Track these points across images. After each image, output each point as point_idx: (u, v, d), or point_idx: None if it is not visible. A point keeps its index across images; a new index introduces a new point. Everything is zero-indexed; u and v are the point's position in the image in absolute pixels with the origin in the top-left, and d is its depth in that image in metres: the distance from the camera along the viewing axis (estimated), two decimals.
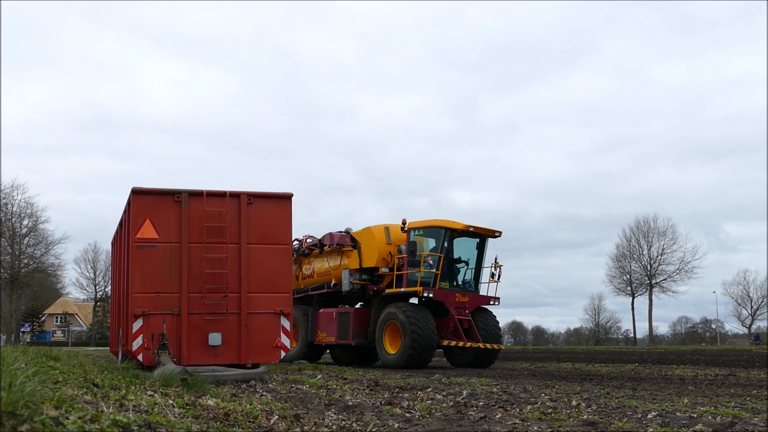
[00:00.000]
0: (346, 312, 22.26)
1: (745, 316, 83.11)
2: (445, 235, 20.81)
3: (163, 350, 13.72)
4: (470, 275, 21.78)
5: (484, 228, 21.40)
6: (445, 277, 20.95)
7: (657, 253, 74.44)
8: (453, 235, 21.09)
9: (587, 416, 7.13)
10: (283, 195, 15.82)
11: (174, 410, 5.95)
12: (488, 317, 21.33)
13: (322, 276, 23.57)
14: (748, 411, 7.76)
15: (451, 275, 21.25)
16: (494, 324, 21.33)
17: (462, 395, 9.48)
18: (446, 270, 20.99)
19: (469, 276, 21.80)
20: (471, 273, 21.76)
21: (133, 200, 14.96)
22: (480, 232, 21.32)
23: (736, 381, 13.84)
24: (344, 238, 22.48)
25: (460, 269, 21.68)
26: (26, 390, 4.46)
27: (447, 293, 20.67)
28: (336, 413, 7.31)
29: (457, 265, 21.58)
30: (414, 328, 19.51)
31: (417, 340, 19.47)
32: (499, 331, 21.58)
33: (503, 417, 7.12)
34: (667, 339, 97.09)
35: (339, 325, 22.16)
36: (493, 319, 21.46)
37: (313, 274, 24.04)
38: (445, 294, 20.61)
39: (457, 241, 21.41)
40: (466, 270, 21.78)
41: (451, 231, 20.96)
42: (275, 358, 15.48)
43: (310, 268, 24.36)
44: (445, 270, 20.86)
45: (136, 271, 14.68)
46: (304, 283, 24.37)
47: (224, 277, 15.00)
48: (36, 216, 63.47)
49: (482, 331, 20.83)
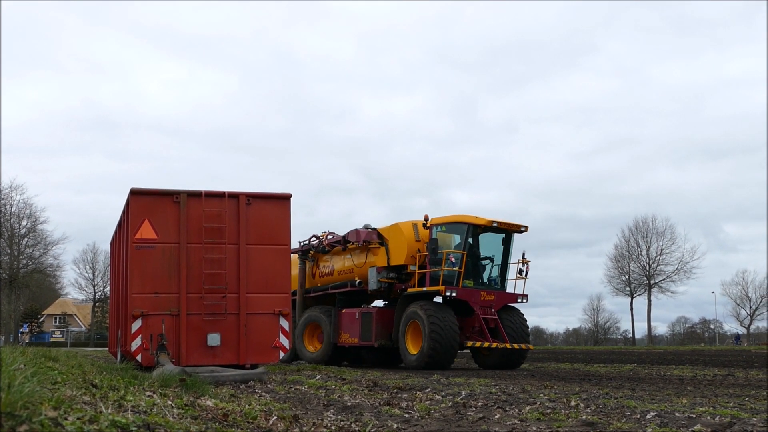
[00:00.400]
0: (368, 312, 21.63)
1: (744, 316, 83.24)
2: (468, 231, 20.27)
3: (162, 351, 13.71)
4: (496, 272, 21.14)
5: (508, 223, 20.74)
6: (470, 274, 20.35)
7: (656, 253, 74.57)
8: (476, 230, 20.50)
9: (586, 417, 7.13)
10: (282, 195, 15.81)
11: (173, 411, 5.95)
12: (515, 316, 20.64)
13: (344, 274, 22.81)
14: (746, 411, 7.76)
15: (475, 273, 20.65)
16: (522, 323, 20.61)
17: (461, 396, 9.48)
18: (470, 267, 20.40)
19: (495, 273, 21.17)
20: (497, 270, 21.13)
21: (131, 201, 14.95)
22: (504, 227, 20.66)
23: (735, 381, 13.84)
24: (371, 235, 21.67)
25: (486, 266, 21.06)
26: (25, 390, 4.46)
27: (471, 292, 20.07)
28: (335, 414, 7.31)
29: (482, 262, 20.97)
30: (434, 327, 18.93)
31: (437, 340, 18.91)
32: (527, 329, 20.82)
33: (502, 417, 7.12)
34: (666, 339, 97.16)
35: (362, 326, 21.49)
36: (521, 317, 20.77)
37: (333, 272, 23.27)
38: (470, 292, 20.00)
39: (482, 237, 20.83)
40: (492, 267, 21.15)
41: (474, 227, 20.36)
42: (274, 359, 15.48)
43: (329, 266, 23.57)
44: (469, 267, 20.28)
45: (134, 271, 14.68)
46: (322, 282, 23.66)
47: (223, 277, 14.99)
48: (35, 216, 63.47)
49: (509, 330, 20.13)
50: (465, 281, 20.01)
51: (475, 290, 20.13)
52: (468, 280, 20.17)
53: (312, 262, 24.02)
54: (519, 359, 20.34)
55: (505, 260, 21.09)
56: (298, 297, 23.62)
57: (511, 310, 20.69)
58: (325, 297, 23.45)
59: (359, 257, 22.17)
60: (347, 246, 22.50)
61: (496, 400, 8.82)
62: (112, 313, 20.70)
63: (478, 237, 20.69)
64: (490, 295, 20.23)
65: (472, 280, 20.37)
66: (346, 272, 22.70)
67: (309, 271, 24.11)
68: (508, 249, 21.04)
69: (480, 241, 20.80)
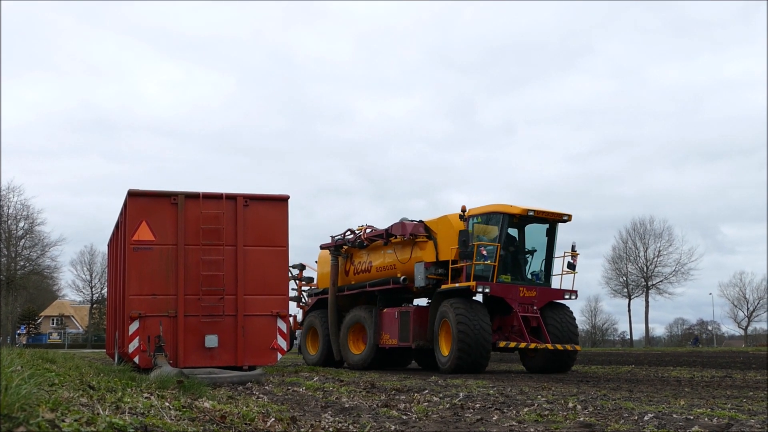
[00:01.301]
0: (406, 311, 20.25)
1: (742, 317, 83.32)
2: (503, 221, 18.81)
3: (160, 352, 13.71)
4: (539, 266, 19.61)
5: (547, 211, 19.19)
6: (507, 269, 18.99)
7: (653, 255, 74.58)
8: (512, 220, 19.01)
9: (584, 418, 7.13)
10: (280, 197, 15.82)
11: (170, 413, 5.94)
12: (561, 314, 18.97)
13: (384, 270, 21.22)
14: (744, 413, 7.76)
15: (515, 267, 19.24)
16: (568, 321, 18.94)
17: (459, 397, 9.48)
18: (508, 261, 19.07)
19: (538, 267, 19.64)
20: (541, 264, 19.61)
21: (129, 202, 14.95)
22: (543, 216, 19.12)
23: (733, 383, 13.85)
24: (418, 228, 20.03)
25: (527, 260, 19.61)
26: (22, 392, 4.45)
27: (509, 288, 18.53)
28: (333, 415, 7.31)
29: (525, 255, 19.55)
30: (462, 327, 17.51)
31: (465, 341, 17.47)
32: (575, 329, 19.06)
33: (500, 419, 7.12)
34: (664, 341, 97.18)
35: (400, 326, 20.04)
36: (568, 315, 19.12)
37: (371, 269, 21.77)
38: (507, 288, 18.49)
39: (523, 228, 19.55)
40: (532, 260, 19.65)
41: (510, 216, 18.87)
42: (272, 360, 15.49)
43: (365, 262, 22.03)
44: (507, 261, 18.96)
45: (132, 273, 14.67)
46: (357, 279, 22.19)
47: (221, 279, 14.99)
48: (32, 218, 63.39)
49: (553, 329, 18.54)
50: (502, 276, 18.68)
51: (513, 286, 18.65)
52: (505, 275, 18.84)
53: (345, 258, 22.70)
54: (566, 361, 18.70)
55: (550, 253, 19.54)
56: (330, 296, 22.31)
57: (558, 307, 19.12)
58: (360, 295, 22.08)
59: (403, 252, 20.61)
60: (389, 240, 20.97)
61: (494, 402, 8.83)
62: (110, 315, 20.68)
63: (518, 228, 19.42)
64: (531, 291, 18.73)
65: (509, 275, 18.98)
66: (387, 268, 21.21)
67: (342, 268, 22.71)
68: (553, 240, 19.54)
69: (520, 233, 19.51)
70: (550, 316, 18.76)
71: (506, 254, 18.89)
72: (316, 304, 23.71)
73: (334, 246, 22.80)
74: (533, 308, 18.60)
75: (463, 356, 17.56)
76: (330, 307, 22.19)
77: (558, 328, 18.62)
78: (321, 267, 24.25)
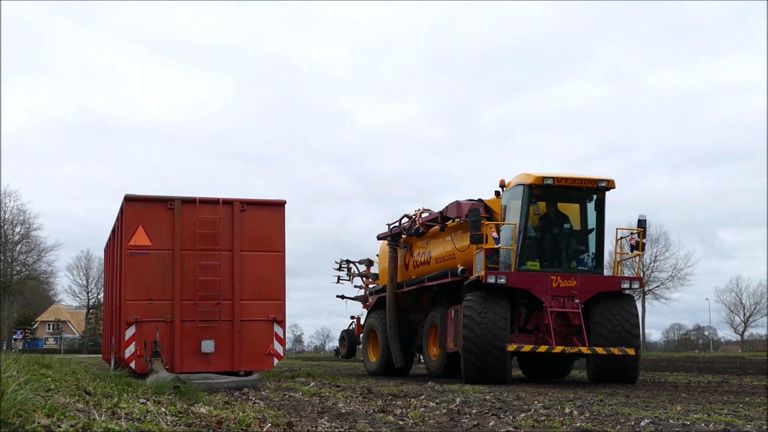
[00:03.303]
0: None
1: (738, 323, 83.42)
2: (525, 194, 15.60)
3: (156, 358, 13.69)
4: (587, 249, 16.21)
5: (574, 178, 15.62)
6: (537, 253, 15.83)
7: (650, 260, 74.61)
8: (533, 192, 15.70)
9: (580, 423, 7.13)
10: (276, 202, 15.82)
11: (166, 418, 5.93)
12: (618, 308, 15.29)
13: (443, 261, 18.07)
14: (741, 418, 7.77)
15: (551, 251, 15.93)
16: (626, 318, 15.22)
17: (455, 403, 9.47)
18: (543, 244, 15.92)
19: (584, 250, 16.20)
20: (588, 246, 16.19)
21: (126, 207, 14.95)
22: (569, 184, 15.58)
23: (729, 388, 13.85)
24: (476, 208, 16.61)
25: (570, 242, 16.05)
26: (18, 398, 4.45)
27: (536, 277, 15.34)
28: (329, 421, 7.30)
29: (564, 236, 16.08)
30: (465, 331, 14.88)
31: (468, 345, 14.86)
32: (634, 328, 15.19)
33: (496, 425, 7.12)
34: (660, 346, 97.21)
35: (455, 327, 16.46)
36: (627, 310, 15.34)
37: (430, 260, 18.67)
38: (533, 278, 15.33)
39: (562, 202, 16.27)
40: (574, 242, 16.08)
41: (529, 188, 15.60)
42: (268, 366, 15.47)
43: (425, 253, 18.95)
44: (540, 244, 15.87)
45: (128, 278, 14.66)
46: (417, 272, 19.23)
47: (217, 284, 14.99)
48: (28, 223, 63.22)
49: (601, 328, 15.10)
50: (528, 263, 15.59)
51: (542, 275, 15.37)
52: (533, 261, 15.71)
53: (405, 248, 19.72)
54: (622, 369, 15.16)
55: (599, 231, 15.97)
56: (388, 293, 19.43)
57: (613, 300, 15.46)
58: (419, 292, 19.10)
59: (462, 239, 17.15)
60: (446, 225, 17.91)
61: (491, 407, 8.82)
62: (106, 320, 20.66)
63: (550, 201, 16.10)
64: (569, 281, 15.30)
65: (539, 261, 15.79)
66: (446, 258, 18.01)
67: (401, 261, 19.75)
68: (602, 215, 15.94)
69: (556, 208, 16.17)
70: (602, 311, 15.30)
71: (540, 236, 15.91)
72: (376, 303, 20.92)
73: (391, 235, 20.04)
74: (574, 302, 15.26)
75: (467, 365, 14.93)
76: (388, 306, 19.41)
77: (607, 327, 15.13)
78: (381, 261, 21.36)
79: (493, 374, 14.78)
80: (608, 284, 15.69)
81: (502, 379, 14.76)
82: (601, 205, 15.95)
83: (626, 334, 15.03)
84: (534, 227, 16.01)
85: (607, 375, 15.31)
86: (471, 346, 14.83)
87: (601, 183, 15.58)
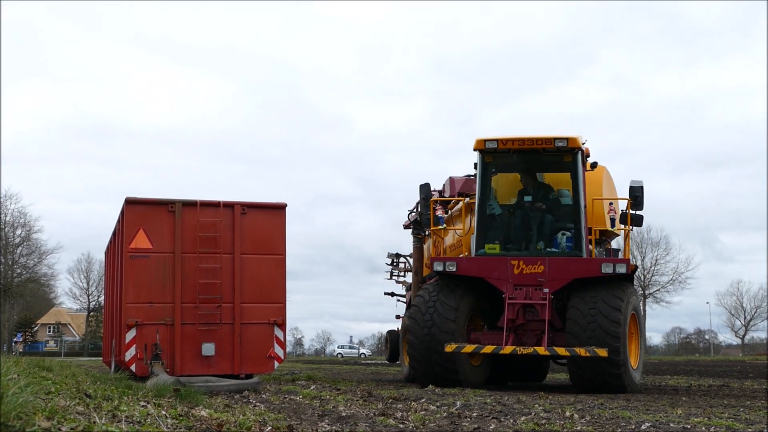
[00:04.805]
0: None
1: (739, 326, 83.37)
2: (480, 163, 13.61)
3: (156, 360, 13.69)
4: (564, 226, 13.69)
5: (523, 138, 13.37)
6: (499, 234, 13.73)
7: (650, 263, 74.61)
8: (486, 160, 13.58)
9: (581, 427, 7.12)
10: (277, 205, 15.82)
11: (167, 421, 5.93)
12: (593, 299, 12.74)
13: (454, 249, 15.93)
14: (741, 422, 7.76)
15: (521, 230, 13.73)
16: (601, 312, 12.55)
17: (456, 406, 9.46)
18: (507, 223, 13.79)
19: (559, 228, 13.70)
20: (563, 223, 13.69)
21: (126, 210, 14.95)
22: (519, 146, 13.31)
23: (730, 392, 13.85)
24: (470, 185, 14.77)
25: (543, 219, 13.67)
26: (18, 401, 4.45)
27: (494, 262, 13.25)
28: (329, 424, 7.30)
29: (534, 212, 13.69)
30: (409, 326, 13.56)
31: (411, 341, 13.63)
32: (614, 327, 12.43)
33: (497, 428, 7.11)
34: (661, 350, 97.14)
35: None
36: (605, 302, 12.65)
37: (446, 249, 16.33)
38: (490, 264, 13.26)
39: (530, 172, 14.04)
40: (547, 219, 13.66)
41: (481, 155, 13.60)
42: (269, 369, 15.47)
43: (443, 241, 16.24)
44: (503, 223, 13.78)
45: (129, 281, 14.66)
46: None
47: (218, 287, 14.99)
48: (29, 226, 63.35)
49: (571, 325, 12.71)
50: (487, 246, 13.57)
51: (501, 259, 13.24)
52: (492, 243, 13.62)
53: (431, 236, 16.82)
54: (598, 375, 12.61)
55: (576, 202, 13.40)
56: (413, 289, 17.51)
57: (595, 290, 12.89)
58: None
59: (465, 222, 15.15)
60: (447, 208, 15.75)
61: (491, 411, 8.81)
62: (107, 323, 20.64)
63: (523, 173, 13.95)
64: (534, 266, 13.06)
65: (498, 244, 13.68)
66: (455, 247, 15.77)
67: (428, 251, 17.24)
68: (576, 183, 13.44)
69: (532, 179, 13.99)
70: (574, 304, 12.93)
71: (509, 214, 13.87)
72: (409, 302, 18.59)
73: (411, 223, 17.67)
74: (542, 292, 13.04)
75: (413, 365, 13.72)
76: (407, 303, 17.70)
77: (579, 324, 12.63)
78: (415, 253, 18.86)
79: (442, 375, 13.16)
80: (585, 269, 13.08)
81: (454, 381, 13.14)
82: (574, 170, 13.43)
83: (601, 332, 12.44)
84: (510, 204, 13.99)
85: (584, 381, 13.03)
86: (414, 343, 13.46)
87: (558, 142, 13.14)
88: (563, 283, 13.14)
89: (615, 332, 12.49)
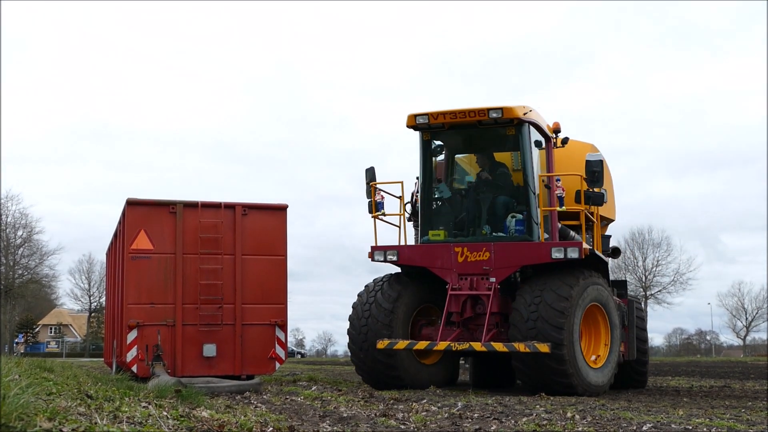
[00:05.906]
0: None
1: (740, 327, 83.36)
2: (420, 142, 12.70)
3: (158, 361, 13.71)
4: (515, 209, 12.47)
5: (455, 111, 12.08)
6: (445, 219, 12.74)
7: (652, 264, 74.61)
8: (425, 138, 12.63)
9: (582, 428, 7.12)
10: (279, 206, 15.84)
11: (168, 422, 5.93)
12: (541, 288, 11.47)
13: None
14: (743, 423, 7.76)
15: (467, 214, 12.62)
16: (546, 302, 11.26)
17: (457, 407, 9.46)
18: (453, 207, 12.77)
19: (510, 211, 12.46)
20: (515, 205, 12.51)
21: (127, 211, 14.97)
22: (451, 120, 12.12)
23: (731, 393, 13.84)
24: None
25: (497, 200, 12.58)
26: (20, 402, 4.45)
27: (436, 250, 12.29)
28: (331, 425, 7.30)
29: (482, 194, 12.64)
30: (350, 320, 12.91)
31: (350, 336, 12.91)
32: (558, 317, 11.13)
33: (498, 429, 7.11)
34: (662, 350, 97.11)
35: None
36: (552, 291, 11.34)
37: None
38: (433, 252, 12.32)
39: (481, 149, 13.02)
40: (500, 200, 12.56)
41: (421, 133, 12.65)
42: (270, 370, 15.50)
43: None
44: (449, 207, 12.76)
45: (130, 282, 14.68)
46: None
47: (219, 288, 15.00)
48: (30, 227, 63.35)
49: (515, 316, 11.49)
50: (431, 232, 12.58)
51: (444, 246, 12.23)
52: (436, 229, 12.59)
53: None
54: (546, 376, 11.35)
55: (524, 181, 12.19)
56: None
57: (545, 277, 11.67)
58: None
59: None
60: None
61: (493, 412, 8.81)
62: (108, 324, 20.65)
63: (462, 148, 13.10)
64: (479, 253, 11.93)
65: (443, 230, 12.59)
66: None
67: None
68: (524, 161, 12.23)
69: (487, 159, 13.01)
70: (520, 294, 11.68)
71: (458, 197, 12.82)
72: None
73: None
74: (488, 281, 11.88)
75: (354, 356, 12.85)
76: None
77: (522, 315, 11.38)
78: None
79: (382, 373, 12.35)
80: (534, 255, 11.82)
81: (394, 380, 12.35)
82: (520, 145, 12.12)
83: (543, 324, 11.11)
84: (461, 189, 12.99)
85: (529, 380, 11.72)
86: (353, 335, 12.74)
87: (492, 113, 11.79)
88: (510, 271, 11.92)
89: (559, 324, 11.11)
